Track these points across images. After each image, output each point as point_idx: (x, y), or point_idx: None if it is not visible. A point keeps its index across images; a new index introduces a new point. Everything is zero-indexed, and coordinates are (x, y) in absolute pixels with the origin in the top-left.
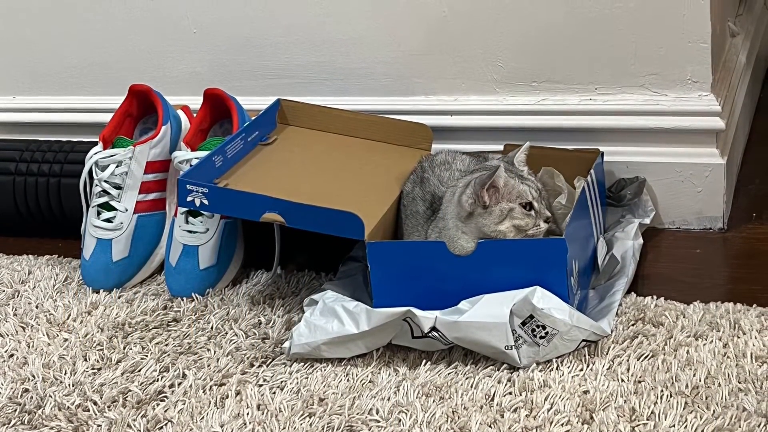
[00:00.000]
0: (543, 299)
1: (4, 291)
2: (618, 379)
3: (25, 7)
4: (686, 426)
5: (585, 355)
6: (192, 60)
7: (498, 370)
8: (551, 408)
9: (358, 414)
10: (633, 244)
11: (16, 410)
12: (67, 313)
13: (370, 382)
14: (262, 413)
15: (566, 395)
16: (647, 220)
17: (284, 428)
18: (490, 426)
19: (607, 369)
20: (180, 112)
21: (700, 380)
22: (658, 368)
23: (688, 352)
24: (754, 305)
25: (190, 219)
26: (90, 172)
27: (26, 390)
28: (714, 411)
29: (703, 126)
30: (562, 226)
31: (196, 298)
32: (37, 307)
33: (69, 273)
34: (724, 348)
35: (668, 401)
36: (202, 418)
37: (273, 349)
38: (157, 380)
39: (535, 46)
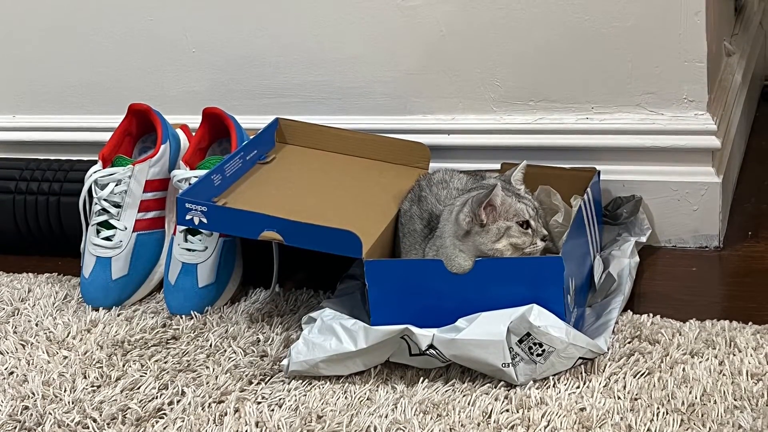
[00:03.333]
0: (540, 317)
1: (4, 309)
2: (614, 397)
3: (25, 27)
4: None
5: (582, 373)
6: (191, 79)
7: (495, 387)
8: (548, 425)
9: (356, 431)
10: (629, 262)
11: (15, 427)
12: (67, 330)
13: (368, 399)
14: (261, 430)
15: (563, 412)
16: (643, 239)
17: None
18: None
19: (604, 386)
20: (179, 131)
21: (696, 398)
22: (654, 386)
23: (684, 369)
24: (750, 323)
25: (189, 237)
26: (89, 191)
27: (26, 407)
28: (710, 428)
29: (699, 145)
30: (558, 244)
31: (195, 316)
32: (36, 324)
33: (68, 291)
34: (720, 365)
35: (664, 418)
36: None
37: (271, 366)
38: (157, 398)
39: (532, 65)
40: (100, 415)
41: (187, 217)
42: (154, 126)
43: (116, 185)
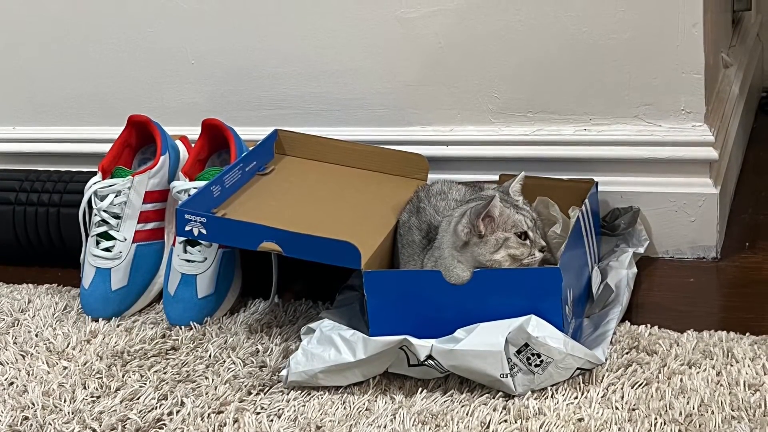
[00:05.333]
0: (538, 328)
1: (4, 319)
2: (612, 407)
3: (25, 39)
4: None
5: (580, 383)
6: (190, 91)
7: (493, 398)
8: None
9: None
10: (627, 273)
11: None
12: (67, 341)
13: (366, 410)
14: None
15: (561, 423)
16: (641, 250)
17: None
18: None
19: (602, 397)
20: (178, 143)
21: (693, 408)
22: (652, 396)
23: (681, 380)
24: (747, 333)
25: (189, 248)
26: (89, 202)
27: (26, 418)
28: None
29: (696, 156)
30: (557, 255)
31: (195, 327)
32: (36, 335)
33: (68, 302)
34: (718, 376)
35: (662, 429)
36: None
37: (270, 377)
38: (156, 408)
39: (530, 76)
40: (100, 426)
41: (187, 228)
42: (154, 137)
43: (116, 196)
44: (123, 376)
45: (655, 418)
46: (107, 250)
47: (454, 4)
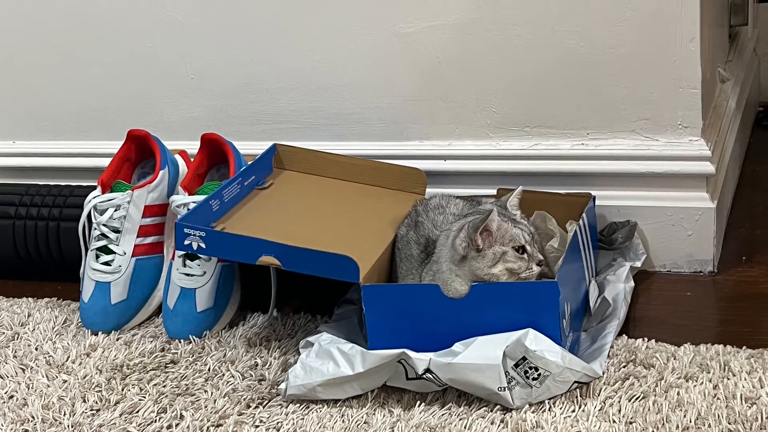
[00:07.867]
0: (536, 341)
1: (4, 333)
2: (609, 420)
3: (25, 54)
4: None
5: (577, 397)
6: (189, 105)
7: (491, 411)
8: None
9: None
10: (624, 287)
11: None
12: (66, 354)
13: (365, 423)
14: None
15: None
16: (638, 263)
17: None
18: None
19: (599, 410)
20: (177, 157)
21: (690, 421)
22: (649, 409)
23: (678, 393)
24: (744, 347)
25: (188, 262)
26: (89, 216)
27: (26, 431)
28: None
29: (693, 170)
30: (554, 269)
31: (194, 340)
32: (36, 349)
33: (68, 315)
34: (714, 389)
35: None
36: None
37: (269, 390)
38: (155, 421)
39: (528, 91)
40: None
41: (186, 242)
42: (153, 152)
43: (115, 210)
44: (122, 390)
45: (652, 431)
46: (107, 264)
47: (453, 19)
